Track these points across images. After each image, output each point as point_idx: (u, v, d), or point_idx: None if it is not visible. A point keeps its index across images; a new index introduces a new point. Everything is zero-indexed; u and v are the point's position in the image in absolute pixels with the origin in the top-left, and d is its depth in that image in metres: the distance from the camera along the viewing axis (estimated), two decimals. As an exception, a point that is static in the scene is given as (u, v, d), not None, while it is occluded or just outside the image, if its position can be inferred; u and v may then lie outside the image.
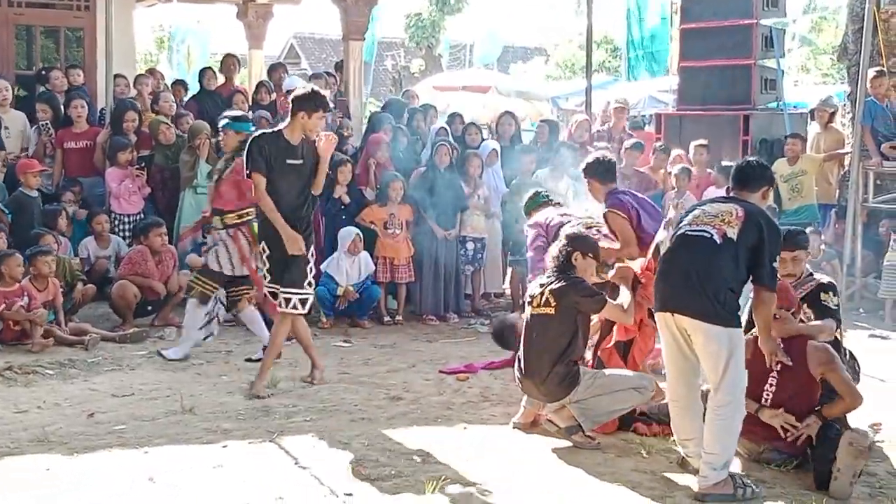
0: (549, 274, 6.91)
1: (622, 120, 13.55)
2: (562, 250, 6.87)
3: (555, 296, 6.71)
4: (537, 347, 6.75)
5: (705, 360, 5.85)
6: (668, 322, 5.96)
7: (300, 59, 40.11)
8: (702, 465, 5.81)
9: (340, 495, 5.63)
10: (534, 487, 5.90)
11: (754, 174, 6.13)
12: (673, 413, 6.16)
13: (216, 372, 8.41)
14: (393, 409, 7.48)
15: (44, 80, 12.40)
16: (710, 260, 5.79)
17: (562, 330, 6.68)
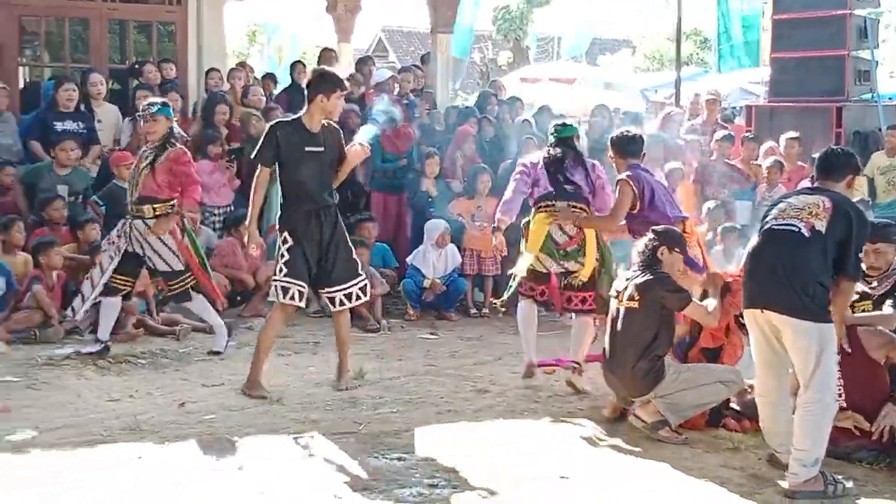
0: (635, 268, 6.85)
1: (715, 112, 13.35)
2: (648, 244, 6.81)
3: (639, 290, 6.65)
4: (621, 342, 6.70)
5: (795, 355, 5.74)
6: (757, 318, 5.87)
7: (388, 53, 40.28)
8: (791, 461, 5.72)
9: (426, 486, 5.64)
10: (620, 482, 5.85)
11: (839, 162, 6.02)
12: (761, 409, 6.08)
13: (304, 363, 8.47)
14: (479, 401, 7.48)
15: (137, 74, 12.58)
16: (798, 254, 5.69)
17: (646, 324, 6.63)
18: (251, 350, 8.72)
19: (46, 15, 13.59)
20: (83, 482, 5.57)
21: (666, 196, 7.70)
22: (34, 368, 8.09)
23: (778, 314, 5.72)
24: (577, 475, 5.90)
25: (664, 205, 7.53)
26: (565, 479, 5.85)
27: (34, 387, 7.60)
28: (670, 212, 7.51)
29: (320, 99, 7.35)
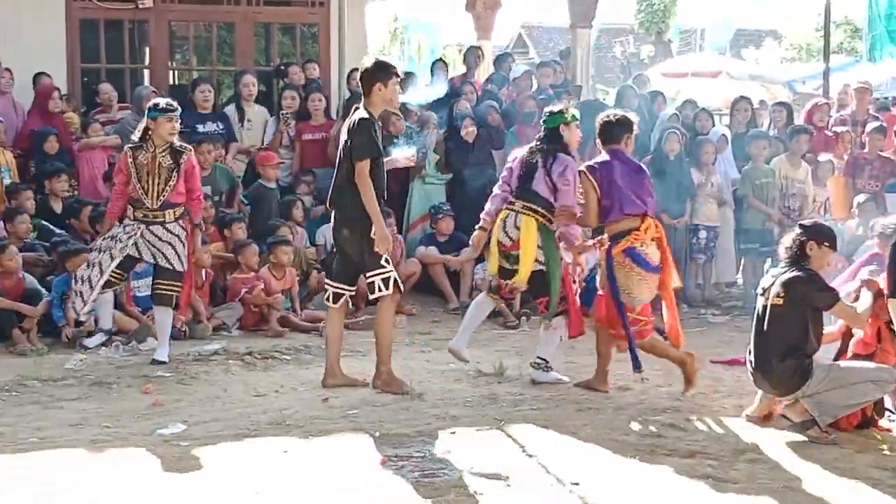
0: (782, 264, 6.70)
1: (865, 102, 12.96)
2: (795, 239, 6.64)
3: (785, 287, 6.49)
4: (767, 340, 6.55)
5: None
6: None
7: (528, 49, 40.20)
8: None
9: (567, 484, 5.60)
10: (766, 482, 5.72)
11: None
12: None
13: (444, 359, 8.50)
14: (620, 399, 7.41)
15: (282, 75, 12.83)
16: None
17: (792, 323, 6.47)
18: (392, 346, 8.82)
19: (195, 20, 13.98)
20: (229, 475, 5.70)
21: (632, 187, 7.36)
22: (184, 364, 8.31)
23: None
24: (718, 475, 5.78)
25: (620, 198, 7.30)
26: (710, 479, 5.74)
27: (184, 382, 7.81)
28: (626, 206, 7.29)
29: (378, 87, 7.26)
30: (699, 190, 11.07)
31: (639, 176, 7.48)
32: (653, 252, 7.30)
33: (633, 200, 7.32)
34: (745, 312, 10.36)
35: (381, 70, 7.30)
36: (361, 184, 7.14)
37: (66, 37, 12.80)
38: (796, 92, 22.26)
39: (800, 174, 11.12)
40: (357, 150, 7.13)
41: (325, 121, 12.03)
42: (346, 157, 7.26)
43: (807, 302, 6.44)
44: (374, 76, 7.27)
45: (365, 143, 7.13)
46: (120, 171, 8.51)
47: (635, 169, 7.52)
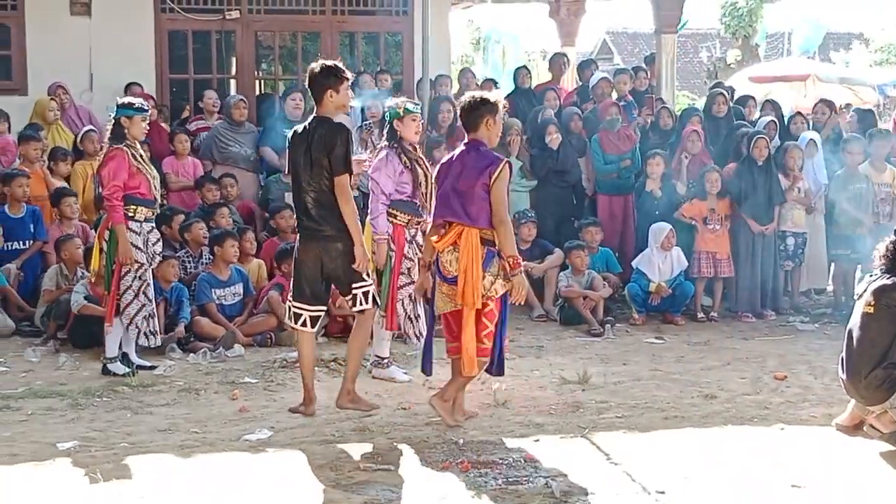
0: (877, 271, 6.56)
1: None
2: (889, 246, 6.50)
3: (875, 295, 6.37)
4: (858, 348, 6.43)
5: None
6: None
7: (612, 55, 40.03)
8: None
9: (653, 493, 5.56)
10: (853, 492, 5.63)
11: None
12: None
13: (528, 366, 8.49)
14: (707, 407, 7.32)
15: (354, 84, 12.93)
16: None
17: (882, 331, 6.34)
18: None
19: (280, 30, 14.14)
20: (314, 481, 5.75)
21: (453, 190, 6.80)
22: (270, 370, 8.39)
23: None
24: (810, 484, 5.70)
25: (435, 201, 7.02)
26: (797, 487, 5.66)
27: (270, 388, 7.89)
28: (435, 212, 7.00)
29: (330, 94, 6.96)
30: (787, 195, 10.91)
31: (472, 177, 6.74)
32: (450, 262, 6.79)
33: (442, 206, 6.87)
34: (834, 320, 10.20)
35: (330, 75, 6.99)
36: (342, 198, 6.90)
37: (155, 47, 13.04)
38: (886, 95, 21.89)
39: (885, 178, 10.93)
40: (336, 163, 6.84)
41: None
42: (319, 169, 6.90)
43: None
44: (324, 82, 6.98)
45: (344, 156, 6.87)
46: (121, 171, 8.05)
47: (475, 166, 6.76)
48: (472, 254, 6.64)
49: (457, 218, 6.71)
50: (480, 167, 6.70)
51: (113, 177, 8.04)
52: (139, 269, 8.15)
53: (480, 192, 6.66)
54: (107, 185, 8.07)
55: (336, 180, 6.87)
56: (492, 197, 6.66)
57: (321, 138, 6.88)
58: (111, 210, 8.07)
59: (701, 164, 11.25)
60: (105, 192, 8.11)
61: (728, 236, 10.82)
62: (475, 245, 6.65)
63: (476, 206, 6.67)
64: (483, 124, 6.83)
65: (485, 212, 6.66)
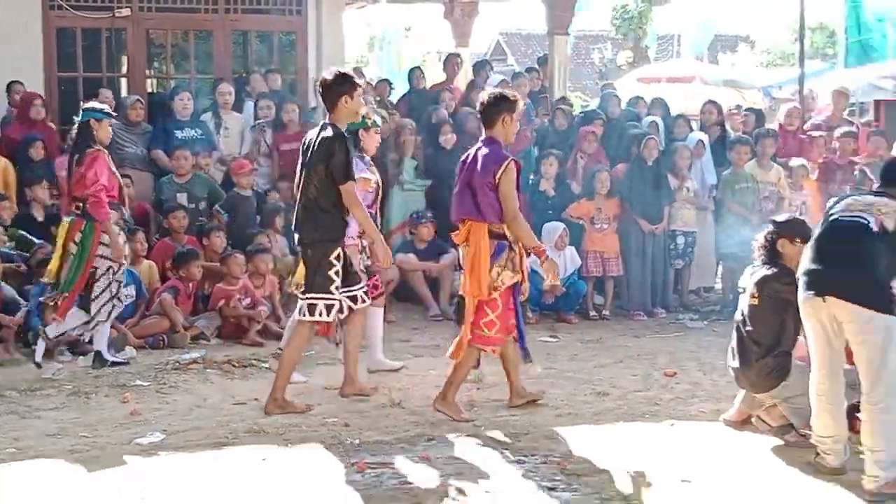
0: (757, 263, 6.73)
1: (841, 107, 13.06)
2: (767, 237, 6.67)
3: (758, 287, 6.54)
4: (747, 338, 6.60)
5: (860, 348, 5.64)
6: (819, 310, 5.74)
7: (506, 56, 40.30)
8: (869, 464, 5.59)
9: (546, 490, 5.62)
10: (742, 485, 5.76)
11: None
12: (816, 408, 5.94)
13: (424, 366, 8.52)
14: (599, 404, 7.43)
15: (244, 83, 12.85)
16: (867, 245, 5.62)
17: (769, 321, 6.50)
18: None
19: (172, 28, 13.93)
20: (207, 484, 5.69)
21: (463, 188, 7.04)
22: (162, 373, 8.29)
23: (843, 302, 5.61)
24: (698, 479, 5.82)
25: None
26: (687, 482, 5.77)
27: (162, 391, 7.79)
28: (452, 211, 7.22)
29: (345, 100, 7.04)
30: (676, 195, 11.11)
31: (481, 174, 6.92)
32: (464, 257, 7.07)
33: (458, 203, 7.08)
34: (722, 317, 10.41)
35: (345, 82, 7.07)
36: (352, 205, 7.04)
37: (43, 45, 12.75)
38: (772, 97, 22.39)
39: (771, 177, 11.19)
40: (338, 172, 6.94)
41: (301, 129, 12.01)
42: (314, 176, 7.04)
43: (779, 297, 6.46)
44: (339, 89, 7.05)
45: (345, 163, 6.97)
46: (104, 172, 8.28)
47: (483, 164, 6.92)
48: (480, 246, 6.87)
49: (468, 214, 6.97)
50: (488, 165, 6.88)
51: (98, 177, 8.20)
52: (118, 269, 8.41)
53: (488, 190, 6.86)
54: (92, 185, 8.18)
55: (342, 189, 6.98)
56: (500, 194, 6.86)
57: (322, 145, 6.99)
58: (98, 207, 8.20)
59: (596, 164, 11.40)
60: (91, 191, 8.20)
61: (616, 236, 10.99)
62: (484, 238, 6.88)
63: (484, 201, 6.87)
64: (500, 121, 7.00)
65: (493, 207, 6.86)
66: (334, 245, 7.11)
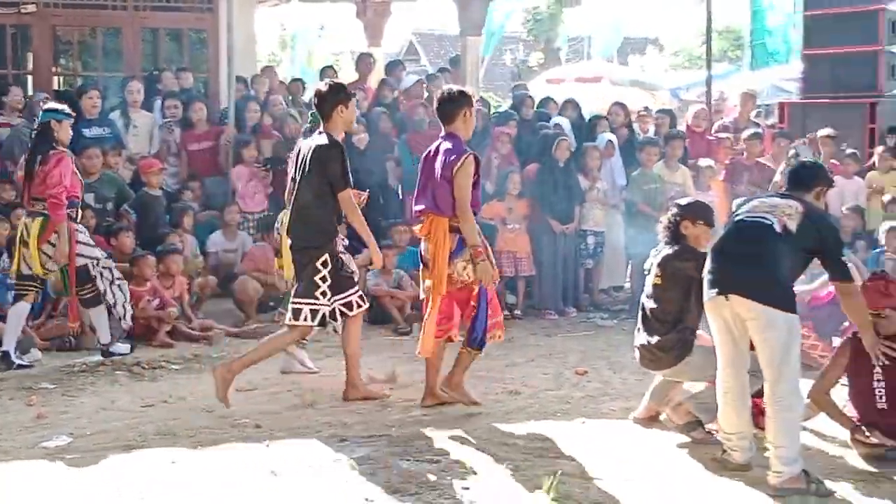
0: (661, 244, 6.84)
1: (748, 109, 13.30)
2: (671, 219, 6.78)
3: (661, 267, 6.67)
4: (651, 316, 6.71)
5: (763, 346, 5.75)
6: (722, 308, 5.85)
7: (419, 56, 40.32)
8: (773, 459, 5.71)
9: (458, 488, 5.64)
10: (651, 482, 5.84)
11: (809, 175, 6.16)
12: (722, 405, 6.05)
13: (337, 366, 8.47)
14: (511, 403, 7.48)
15: (155, 82, 12.70)
16: (770, 245, 5.74)
17: (671, 298, 6.61)
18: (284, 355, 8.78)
19: (80, 24, 13.73)
20: (115, 488, 5.61)
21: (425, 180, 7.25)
22: (69, 375, 8.17)
23: (746, 300, 5.72)
24: (608, 476, 5.88)
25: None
26: (598, 479, 5.83)
27: (69, 393, 7.68)
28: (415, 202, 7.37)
29: (340, 110, 7.23)
30: (587, 195, 11.22)
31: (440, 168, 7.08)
32: (426, 251, 7.19)
33: (420, 197, 7.23)
34: (632, 316, 10.48)
35: (340, 91, 7.27)
36: (350, 213, 7.17)
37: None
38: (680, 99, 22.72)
39: (678, 178, 11.36)
40: (336, 180, 7.08)
41: (210, 128, 11.93)
42: (309, 184, 7.15)
43: (684, 275, 6.54)
44: (335, 98, 7.22)
45: (342, 172, 7.10)
46: (68, 174, 8.42)
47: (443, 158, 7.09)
48: (440, 241, 7.00)
49: (428, 208, 7.09)
50: (447, 159, 7.03)
51: (62, 178, 8.32)
52: (98, 263, 8.67)
53: (446, 184, 6.99)
54: (55, 186, 8.29)
55: (340, 196, 7.11)
56: (454, 188, 6.96)
57: (317, 153, 7.10)
58: (57, 209, 8.31)
59: (510, 164, 11.46)
60: (52, 192, 8.29)
61: (528, 236, 11.06)
62: (445, 233, 7.00)
63: (443, 196, 7.00)
64: (460, 116, 7.18)
65: (449, 201, 6.98)
66: (320, 251, 7.17)
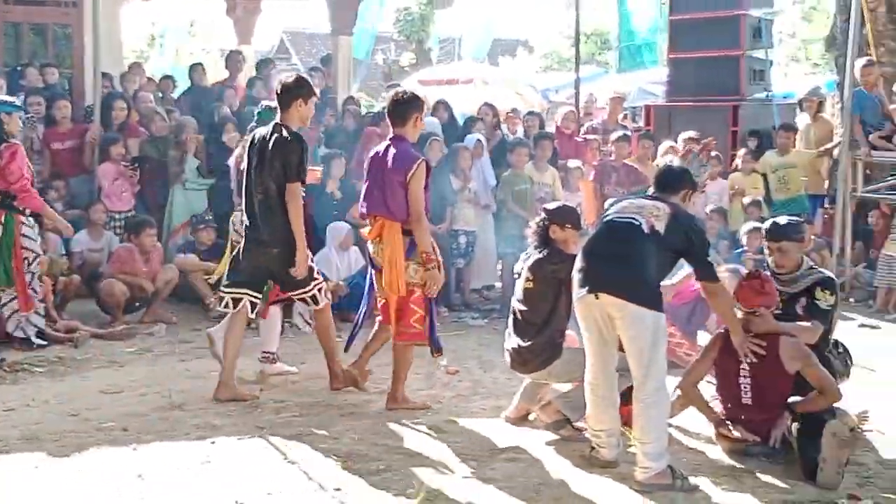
0: (530, 248, 6.92)
1: (617, 111, 13.54)
2: (539, 223, 6.87)
3: (532, 270, 6.75)
4: (522, 320, 6.79)
5: (629, 344, 5.88)
6: (591, 306, 5.96)
7: (290, 55, 40.04)
8: (639, 455, 5.84)
9: (330, 490, 5.63)
10: (520, 479, 5.90)
11: (675, 178, 6.32)
12: (590, 402, 6.17)
13: (206, 368, 8.38)
14: (382, 403, 7.46)
15: (19, 77, 12.39)
16: (638, 245, 5.87)
17: (541, 301, 6.70)
18: (151, 356, 8.67)
19: (-62, 18, 13.31)
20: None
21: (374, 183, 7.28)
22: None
23: (615, 298, 5.84)
24: (478, 475, 5.94)
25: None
26: (467, 479, 5.88)
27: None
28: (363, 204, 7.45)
29: (299, 103, 7.26)
30: (458, 196, 11.29)
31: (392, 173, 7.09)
32: (377, 253, 7.26)
33: (369, 199, 7.27)
34: (502, 315, 10.61)
35: (302, 87, 7.30)
36: (292, 205, 7.17)
37: None
38: (550, 100, 23.03)
39: (547, 178, 11.51)
40: (290, 171, 7.12)
41: (74, 126, 11.66)
42: (271, 175, 7.17)
43: (555, 279, 6.63)
44: (295, 92, 7.26)
45: (296, 163, 7.13)
46: (24, 165, 8.59)
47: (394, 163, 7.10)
48: (395, 244, 7.04)
49: (379, 211, 7.12)
50: (399, 165, 7.05)
51: (21, 170, 8.54)
52: (34, 260, 8.78)
53: (399, 188, 7.02)
54: (18, 179, 8.51)
55: (288, 186, 7.14)
56: (408, 194, 7.02)
57: (278, 144, 7.14)
58: (30, 198, 8.66)
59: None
60: (19, 185, 8.53)
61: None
62: (398, 237, 7.05)
63: (396, 200, 7.04)
64: (412, 120, 7.25)
65: (404, 206, 7.02)
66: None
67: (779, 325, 6.43)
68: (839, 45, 13.49)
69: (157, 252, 10.45)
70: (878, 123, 11.99)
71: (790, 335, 6.36)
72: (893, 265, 11.34)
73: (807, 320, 6.56)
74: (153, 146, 11.59)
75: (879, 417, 6.96)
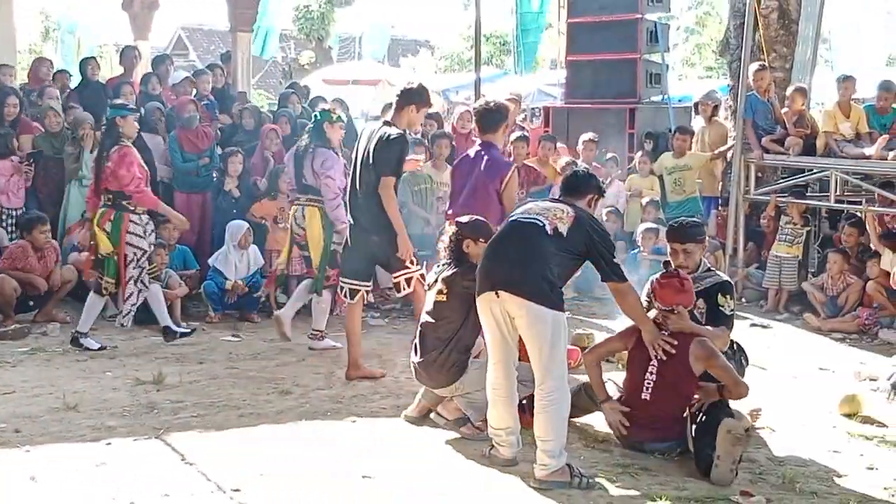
0: (444, 261, 6.94)
1: (515, 112, 13.61)
2: (452, 237, 6.90)
3: (446, 283, 6.77)
4: (432, 333, 6.80)
5: (530, 342, 5.94)
6: (492, 305, 6.02)
7: (188, 51, 39.58)
8: (539, 453, 5.90)
9: (228, 491, 5.59)
10: (420, 478, 5.92)
11: (581, 183, 6.42)
12: (492, 401, 6.22)
13: (100, 368, 8.26)
14: (282, 403, 7.44)
15: None
16: (539, 245, 5.94)
17: (453, 317, 6.73)
18: (44, 356, 8.52)
19: None
20: None
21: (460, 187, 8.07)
22: None
23: (515, 297, 5.89)
24: (379, 474, 5.94)
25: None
26: (368, 478, 5.88)
27: None
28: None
29: (411, 109, 7.73)
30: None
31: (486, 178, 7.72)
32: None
33: (464, 204, 7.67)
34: (403, 315, 10.66)
35: (420, 96, 7.76)
36: (386, 197, 7.62)
37: None
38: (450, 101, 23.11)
39: (445, 178, 11.53)
40: (386, 165, 7.58)
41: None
42: (373, 168, 7.63)
43: (467, 293, 6.61)
44: (413, 98, 7.73)
45: (394, 160, 7.60)
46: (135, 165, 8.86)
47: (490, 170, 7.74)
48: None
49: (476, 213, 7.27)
50: (494, 171, 7.72)
51: (133, 171, 8.82)
52: (142, 256, 8.94)
53: (492, 193, 7.66)
54: (131, 180, 8.78)
55: (382, 180, 7.60)
56: (504, 199, 7.67)
57: (382, 141, 7.59)
58: (145, 197, 8.96)
59: (281, 163, 11.38)
60: (133, 186, 8.81)
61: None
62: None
63: (487, 204, 7.57)
64: (501, 129, 7.97)
65: (494, 209, 7.53)
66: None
67: (694, 326, 6.55)
68: (732, 50, 13.74)
69: (52, 249, 10.23)
70: (770, 127, 12.23)
71: (702, 336, 6.48)
72: (782, 266, 11.60)
73: (709, 325, 6.69)
74: (46, 142, 11.35)
75: (771, 415, 7.16)
